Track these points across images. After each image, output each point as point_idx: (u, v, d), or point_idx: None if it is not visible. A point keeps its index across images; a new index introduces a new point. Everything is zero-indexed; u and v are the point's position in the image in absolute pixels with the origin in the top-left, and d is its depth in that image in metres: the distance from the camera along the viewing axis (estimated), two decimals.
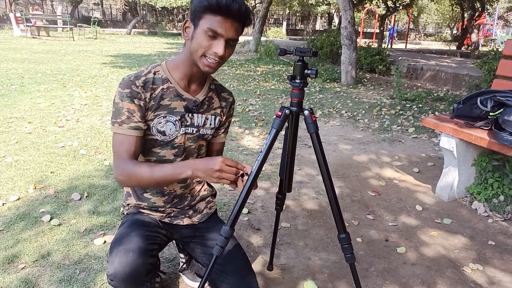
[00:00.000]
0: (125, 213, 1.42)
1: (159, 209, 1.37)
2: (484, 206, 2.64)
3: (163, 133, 1.24)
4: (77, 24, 21.56)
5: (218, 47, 1.10)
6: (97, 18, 26.77)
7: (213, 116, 1.33)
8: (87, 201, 2.54)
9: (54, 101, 5.23)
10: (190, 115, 1.27)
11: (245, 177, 1.15)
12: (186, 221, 1.41)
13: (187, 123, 1.27)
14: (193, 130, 1.29)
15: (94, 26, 19.95)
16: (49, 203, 2.49)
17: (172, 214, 1.39)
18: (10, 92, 5.64)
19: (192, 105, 1.26)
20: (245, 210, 2.50)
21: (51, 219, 2.28)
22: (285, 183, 1.46)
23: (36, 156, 3.26)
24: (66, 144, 3.58)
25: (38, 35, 17.66)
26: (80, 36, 18.61)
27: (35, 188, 2.69)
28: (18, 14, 18.31)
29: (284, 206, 2.44)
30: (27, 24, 16.98)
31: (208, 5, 1.05)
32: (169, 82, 1.23)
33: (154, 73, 1.22)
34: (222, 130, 1.42)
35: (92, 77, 7.35)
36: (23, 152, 3.34)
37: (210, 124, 1.33)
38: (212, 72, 1.16)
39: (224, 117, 1.39)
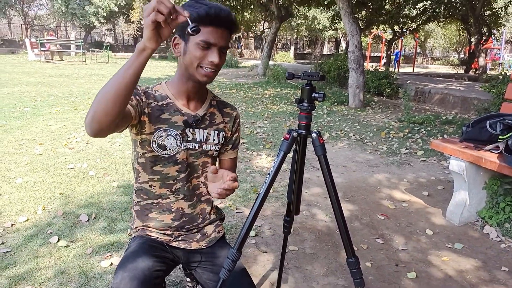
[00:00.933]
0: (132, 236, 1.41)
1: (167, 231, 1.35)
2: (496, 230, 2.58)
3: (163, 147, 1.24)
4: (90, 49, 22.12)
5: (213, 56, 1.13)
6: (109, 43, 27.47)
7: (216, 132, 1.32)
8: (95, 222, 2.54)
9: (65, 123, 5.31)
10: (191, 130, 1.27)
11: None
12: (193, 246, 1.38)
13: (189, 138, 1.27)
14: (195, 146, 1.29)
15: (106, 50, 20.43)
16: (57, 224, 2.49)
17: (180, 238, 1.37)
18: (22, 114, 5.76)
19: (192, 119, 1.26)
20: (252, 233, 2.48)
21: (58, 240, 2.28)
22: (293, 206, 1.46)
23: (46, 178, 3.29)
24: (75, 166, 3.62)
25: (52, 60, 18.11)
26: (93, 60, 19.06)
27: (44, 209, 2.70)
28: (33, 39, 18.86)
29: (292, 229, 2.42)
30: (42, 49, 17.46)
31: (197, 18, 1.08)
32: (168, 98, 1.25)
33: (154, 91, 1.26)
34: (230, 146, 1.41)
35: None
36: (33, 174, 3.37)
37: (214, 140, 1.32)
38: (209, 82, 1.19)
39: (230, 133, 1.38)
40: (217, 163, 1.44)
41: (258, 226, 2.61)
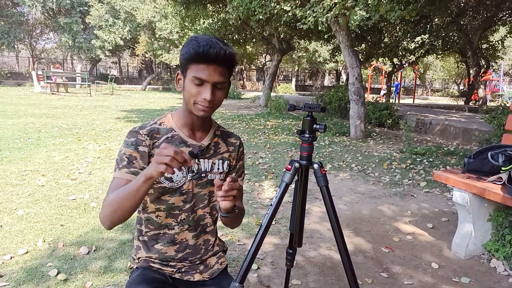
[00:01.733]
0: (134, 267, 1.40)
1: (170, 263, 1.34)
2: (503, 264, 2.53)
3: (170, 179, 1.26)
4: (95, 81, 22.55)
5: (205, 92, 1.15)
6: (114, 75, 28.04)
7: (220, 161, 1.34)
8: (95, 255, 2.51)
9: (68, 154, 5.34)
10: (196, 161, 1.29)
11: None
12: (197, 277, 1.37)
13: (194, 169, 1.29)
14: (201, 176, 1.31)
15: (110, 82, 20.82)
16: (57, 257, 2.46)
17: (183, 270, 1.36)
18: (26, 145, 5.80)
19: (197, 150, 1.28)
20: (254, 266, 2.44)
21: (58, 273, 2.25)
22: (296, 238, 1.44)
23: (47, 209, 3.28)
24: (77, 197, 3.61)
25: (57, 91, 18.43)
26: (97, 92, 19.39)
27: (44, 241, 2.67)
28: (39, 72, 19.28)
29: (295, 262, 2.37)
30: (48, 81, 17.81)
31: (189, 56, 1.13)
32: (173, 131, 1.28)
33: (160, 124, 1.29)
34: (234, 174, 1.41)
35: (106, 131, 7.55)
36: (34, 205, 3.36)
37: (218, 169, 1.34)
38: (208, 116, 1.21)
39: (234, 161, 1.40)
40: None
41: (260, 259, 2.56)
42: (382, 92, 20.74)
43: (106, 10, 24.12)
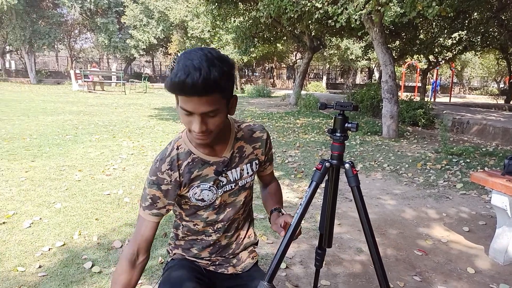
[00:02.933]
0: (169, 259, 1.44)
1: (205, 258, 1.38)
2: None
3: (202, 200, 1.26)
4: (129, 80, 23.20)
5: (195, 125, 1.05)
6: (148, 74, 28.72)
7: (248, 165, 1.30)
8: None
9: (103, 151, 5.52)
10: (223, 175, 1.25)
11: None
12: (230, 270, 1.40)
13: (223, 183, 1.26)
14: (231, 186, 1.28)
15: (144, 81, 21.34)
16: (92, 249, 2.55)
17: (217, 263, 1.40)
18: (64, 141, 6.04)
19: (222, 166, 1.23)
20: (283, 265, 2.43)
21: (92, 266, 2.33)
22: (325, 238, 1.42)
23: (83, 203, 3.40)
24: (111, 192, 3.72)
25: (94, 90, 19.08)
26: (131, 91, 19.92)
27: (80, 234, 2.77)
28: (77, 71, 20.04)
29: (324, 263, 2.35)
30: (85, 80, 18.48)
31: (169, 88, 1.00)
32: (192, 154, 1.21)
33: (178, 148, 1.22)
34: (268, 164, 1.42)
35: (139, 128, 7.74)
36: (71, 199, 3.50)
37: (248, 173, 1.31)
38: (207, 143, 1.13)
39: (264, 156, 1.35)
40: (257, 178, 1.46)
41: (289, 258, 2.55)
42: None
43: (141, 10, 24.77)
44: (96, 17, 25.92)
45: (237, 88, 24.08)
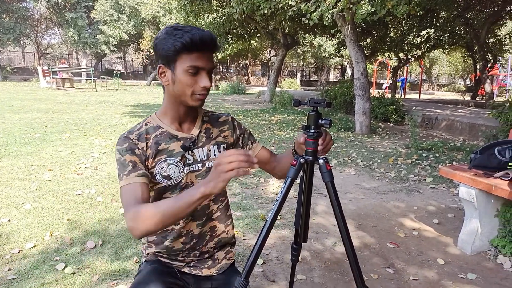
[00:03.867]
0: (142, 261, 1.41)
1: (178, 257, 1.35)
2: (510, 260, 2.52)
3: (168, 177, 1.24)
4: (100, 76, 22.60)
5: (205, 80, 1.15)
6: (119, 70, 28.10)
7: (215, 146, 1.32)
8: (101, 249, 2.53)
9: (74, 149, 5.37)
10: (190, 152, 1.27)
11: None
12: (204, 272, 1.37)
13: (190, 161, 1.27)
14: (198, 166, 1.28)
15: (116, 78, 20.87)
16: (64, 251, 2.48)
17: (191, 264, 1.37)
18: (33, 140, 5.84)
19: (189, 142, 1.26)
20: (259, 261, 2.45)
21: (65, 267, 2.27)
22: (301, 233, 1.44)
23: (54, 203, 3.31)
24: (83, 192, 3.63)
25: (63, 87, 18.51)
26: (103, 88, 19.44)
27: (51, 235, 2.70)
28: (45, 67, 19.37)
29: (300, 257, 2.38)
30: (53, 76, 17.89)
31: (182, 46, 1.10)
32: (161, 128, 1.25)
33: (146, 124, 1.26)
34: (250, 143, 1.41)
35: (112, 126, 7.58)
36: (41, 199, 3.39)
37: (215, 155, 1.31)
38: (202, 105, 1.21)
39: (232, 138, 1.37)
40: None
41: (266, 254, 2.57)
42: (385, 85, 20.62)
43: (111, 5, 24.15)
44: (64, 11, 25.08)
45: (211, 85, 23.93)
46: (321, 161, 1.28)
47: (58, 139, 6.02)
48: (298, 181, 1.32)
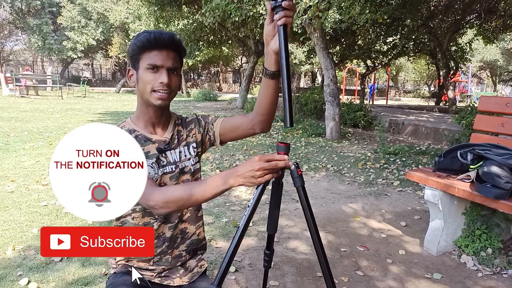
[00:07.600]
0: (111, 273, 1.37)
1: (149, 266, 1.33)
2: (472, 259, 2.62)
3: None
4: (67, 83, 21.92)
5: (162, 77, 1.18)
6: (87, 77, 27.37)
7: (185, 147, 1.35)
8: (68, 262, 2.44)
9: (39, 159, 5.18)
10: (163, 155, 1.29)
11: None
12: (176, 282, 1.36)
13: (164, 163, 1.29)
14: (171, 168, 1.30)
15: (83, 85, 20.31)
16: (28, 265, 2.38)
17: (162, 274, 1.35)
18: None
19: (163, 144, 1.29)
20: (232, 268, 2.43)
21: (28, 282, 2.18)
22: (273, 239, 1.45)
23: (17, 216, 3.17)
24: (49, 203, 3.50)
25: (27, 94, 17.82)
26: (69, 95, 18.86)
27: (14, 249, 2.58)
28: (8, 74, 18.61)
29: (272, 263, 2.38)
30: (17, 84, 17.20)
31: (141, 45, 1.18)
32: (136, 131, 1.28)
33: (121, 128, 1.26)
34: (211, 124, 1.39)
35: None
36: (3, 212, 3.24)
37: (186, 155, 1.34)
38: (166, 104, 1.23)
39: (200, 134, 1.38)
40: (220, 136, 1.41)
41: (238, 261, 2.56)
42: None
43: (78, 11, 23.56)
44: (28, 17, 24.23)
45: (182, 92, 23.72)
46: (292, 166, 1.30)
47: (22, 149, 5.79)
48: (269, 186, 1.32)
